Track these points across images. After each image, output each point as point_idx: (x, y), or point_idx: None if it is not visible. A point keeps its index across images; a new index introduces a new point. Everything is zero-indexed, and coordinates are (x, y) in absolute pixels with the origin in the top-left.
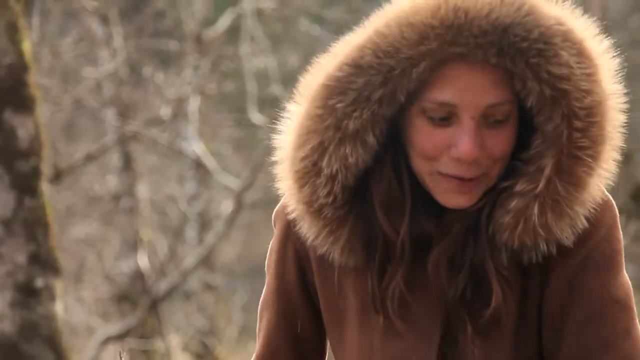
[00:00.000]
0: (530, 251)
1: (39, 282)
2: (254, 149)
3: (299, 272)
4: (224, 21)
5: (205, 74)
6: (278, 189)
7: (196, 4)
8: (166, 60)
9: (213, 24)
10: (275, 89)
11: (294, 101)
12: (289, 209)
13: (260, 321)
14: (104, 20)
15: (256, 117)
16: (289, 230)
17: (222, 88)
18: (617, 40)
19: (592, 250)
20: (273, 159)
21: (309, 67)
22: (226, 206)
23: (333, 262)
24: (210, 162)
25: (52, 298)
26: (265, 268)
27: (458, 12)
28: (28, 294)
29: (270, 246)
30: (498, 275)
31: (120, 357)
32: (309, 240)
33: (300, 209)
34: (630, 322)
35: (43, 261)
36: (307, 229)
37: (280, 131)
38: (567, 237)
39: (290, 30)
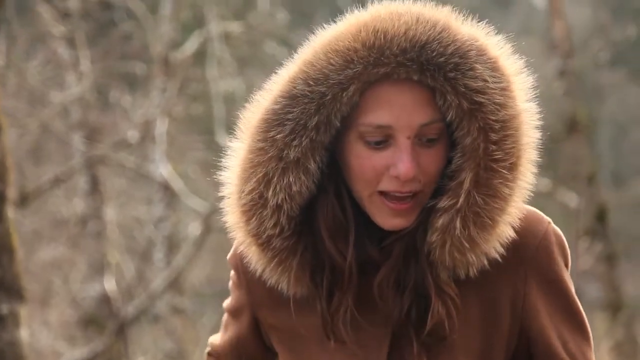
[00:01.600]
0: (464, 266)
1: (4, 309)
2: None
3: (252, 320)
4: (191, 44)
5: (172, 96)
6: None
7: (163, 26)
8: (133, 83)
9: (180, 47)
10: (243, 111)
11: (236, 138)
12: (237, 242)
13: (225, 327)
14: (71, 43)
15: (224, 139)
16: (240, 278)
17: (189, 111)
18: (580, 63)
19: (531, 267)
20: (220, 194)
21: (247, 105)
22: (194, 228)
23: (287, 301)
24: (177, 184)
25: (17, 324)
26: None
27: (378, 34)
28: None
29: (230, 281)
30: (438, 291)
31: None
32: (258, 272)
33: (249, 242)
34: None
35: (8, 287)
36: (256, 261)
37: (224, 167)
38: (495, 248)
39: (257, 53)
